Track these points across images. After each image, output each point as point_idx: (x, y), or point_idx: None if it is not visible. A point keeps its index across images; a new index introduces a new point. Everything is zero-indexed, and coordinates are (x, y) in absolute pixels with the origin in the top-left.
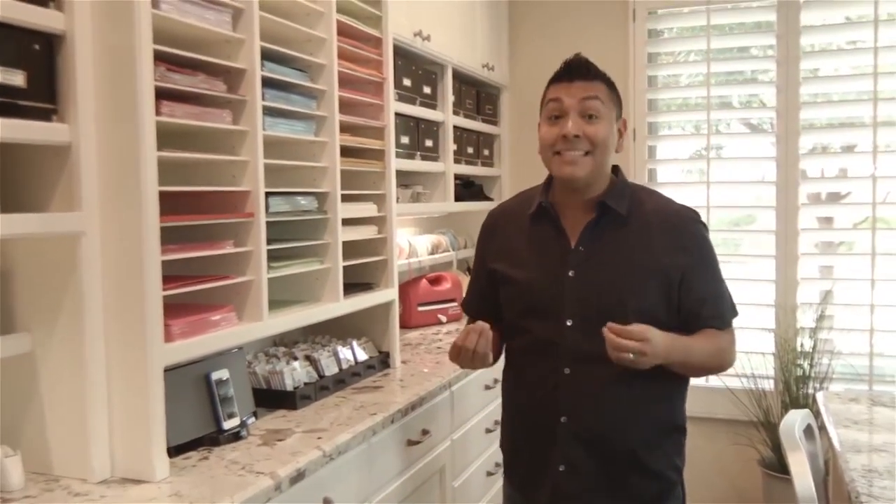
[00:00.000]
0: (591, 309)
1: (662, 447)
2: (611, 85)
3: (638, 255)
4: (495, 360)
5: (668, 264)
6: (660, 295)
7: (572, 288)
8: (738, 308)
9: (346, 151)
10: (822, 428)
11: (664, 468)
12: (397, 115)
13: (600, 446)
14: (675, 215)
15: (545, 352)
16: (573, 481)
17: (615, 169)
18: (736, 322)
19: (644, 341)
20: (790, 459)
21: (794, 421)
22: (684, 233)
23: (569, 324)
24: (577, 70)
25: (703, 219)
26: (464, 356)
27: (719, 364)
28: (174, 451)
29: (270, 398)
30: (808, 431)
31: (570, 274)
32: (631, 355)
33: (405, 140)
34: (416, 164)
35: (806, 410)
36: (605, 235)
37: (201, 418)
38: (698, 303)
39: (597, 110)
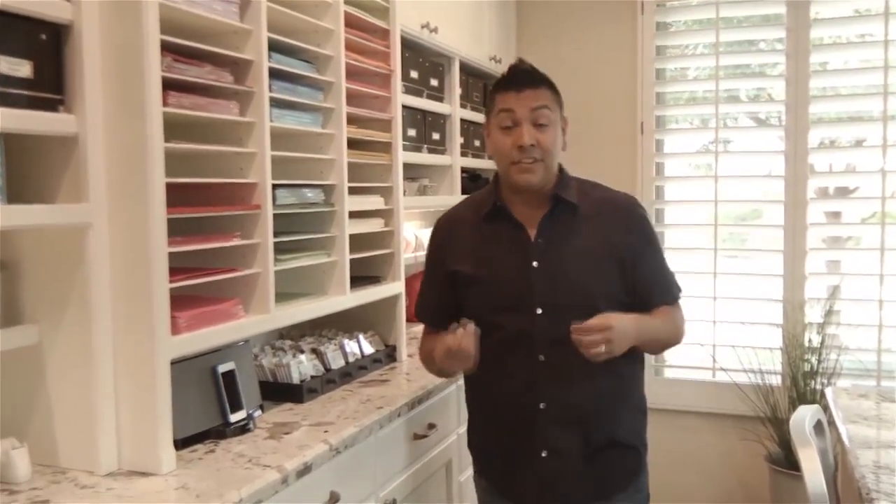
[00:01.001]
0: (559, 296)
1: (634, 423)
2: (553, 88)
3: (593, 241)
4: (474, 365)
5: (621, 247)
6: (618, 276)
7: (538, 278)
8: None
9: (353, 144)
10: (831, 423)
11: (637, 443)
12: (404, 107)
13: (580, 428)
14: (622, 202)
15: (518, 343)
16: (557, 466)
17: (559, 166)
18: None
19: (607, 329)
20: (801, 456)
21: (805, 417)
22: (630, 217)
23: (539, 312)
24: (523, 78)
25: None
26: (456, 357)
27: (676, 338)
28: (181, 443)
29: (277, 391)
30: (817, 427)
31: (535, 265)
32: (602, 347)
33: (412, 133)
34: (423, 157)
35: (816, 406)
36: (561, 225)
37: (208, 411)
38: (651, 281)
39: (547, 118)
